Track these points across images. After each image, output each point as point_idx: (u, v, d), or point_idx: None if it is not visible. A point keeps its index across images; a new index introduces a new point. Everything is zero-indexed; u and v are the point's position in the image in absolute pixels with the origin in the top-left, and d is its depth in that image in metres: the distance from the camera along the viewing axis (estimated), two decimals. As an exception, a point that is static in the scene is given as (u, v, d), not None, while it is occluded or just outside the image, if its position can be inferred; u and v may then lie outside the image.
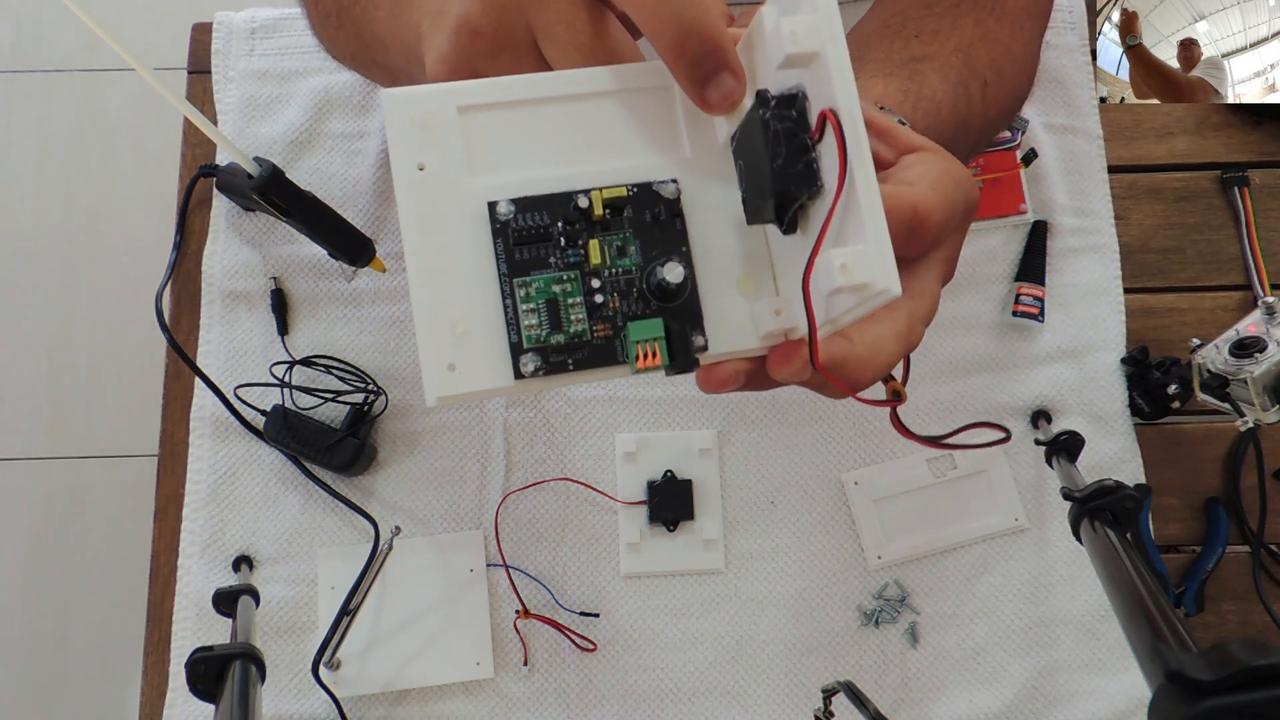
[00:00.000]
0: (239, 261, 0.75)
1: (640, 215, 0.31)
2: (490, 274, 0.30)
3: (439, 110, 0.30)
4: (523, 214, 0.30)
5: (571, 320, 0.30)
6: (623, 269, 0.30)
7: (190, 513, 0.71)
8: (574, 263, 0.30)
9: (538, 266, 0.30)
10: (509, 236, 0.30)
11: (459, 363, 0.29)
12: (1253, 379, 0.58)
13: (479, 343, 0.29)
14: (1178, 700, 0.30)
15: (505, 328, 0.29)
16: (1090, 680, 0.68)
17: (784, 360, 0.30)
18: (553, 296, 0.30)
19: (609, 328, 0.30)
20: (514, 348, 0.29)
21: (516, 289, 0.29)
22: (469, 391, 0.29)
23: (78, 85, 1.71)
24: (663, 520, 0.70)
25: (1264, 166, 0.78)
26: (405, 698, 0.68)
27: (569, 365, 0.29)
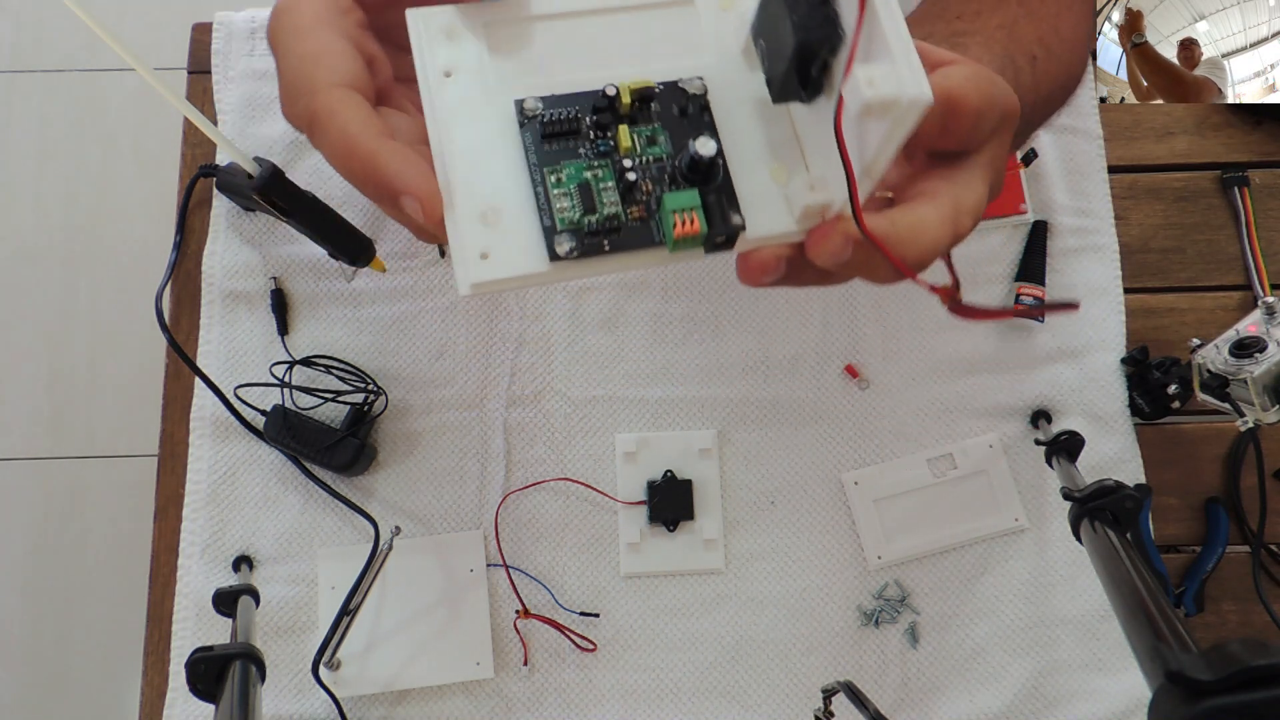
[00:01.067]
0: (239, 261, 0.75)
1: (668, 109, 0.31)
2: (520, 166, 0.30)
3: (458, 21, 0.31)
4: (550, 109, 0.30)
5: (605, 203, 0.30)
6: (654, 156, 0.31)
7: (190, 513, 0.71)
8: (604, 151, 0.30)
9: (568, 156, 0.30)
10: (537, 129, 0.30)
11: (492, 250, 0.28)
12: (1253, 379, 0.58)
13: (512, 229, 0.29)
14: (1178, 700, 0.30)
15: (538, 214, 0.29)
16: (1090, 680, 0.68)
17: (823, 237, 0.29)
18: (584, 181, 0.30)
19: (643, 210, 0.30)
20: (547, 231, 0.29)
21: (547, 176, 0.30)
22: (504, 277, 0.28)
23: (78, 85, 1.71)
24: (663, 520, 0.70)
25: (1264, 166, 0.78)
26: (405, 698, 0.68)
27: (604, 246, 0.29)
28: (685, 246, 0.29)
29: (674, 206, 0.29)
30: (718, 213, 0.30)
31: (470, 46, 0.31)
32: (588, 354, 0.74)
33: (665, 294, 0.75)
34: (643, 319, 0.74)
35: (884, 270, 0.31)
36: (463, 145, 0.30)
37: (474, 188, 0.29)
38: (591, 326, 0.74)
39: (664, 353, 0.74)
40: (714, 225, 0.29)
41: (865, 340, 0.74)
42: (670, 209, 0.29)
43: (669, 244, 0.29)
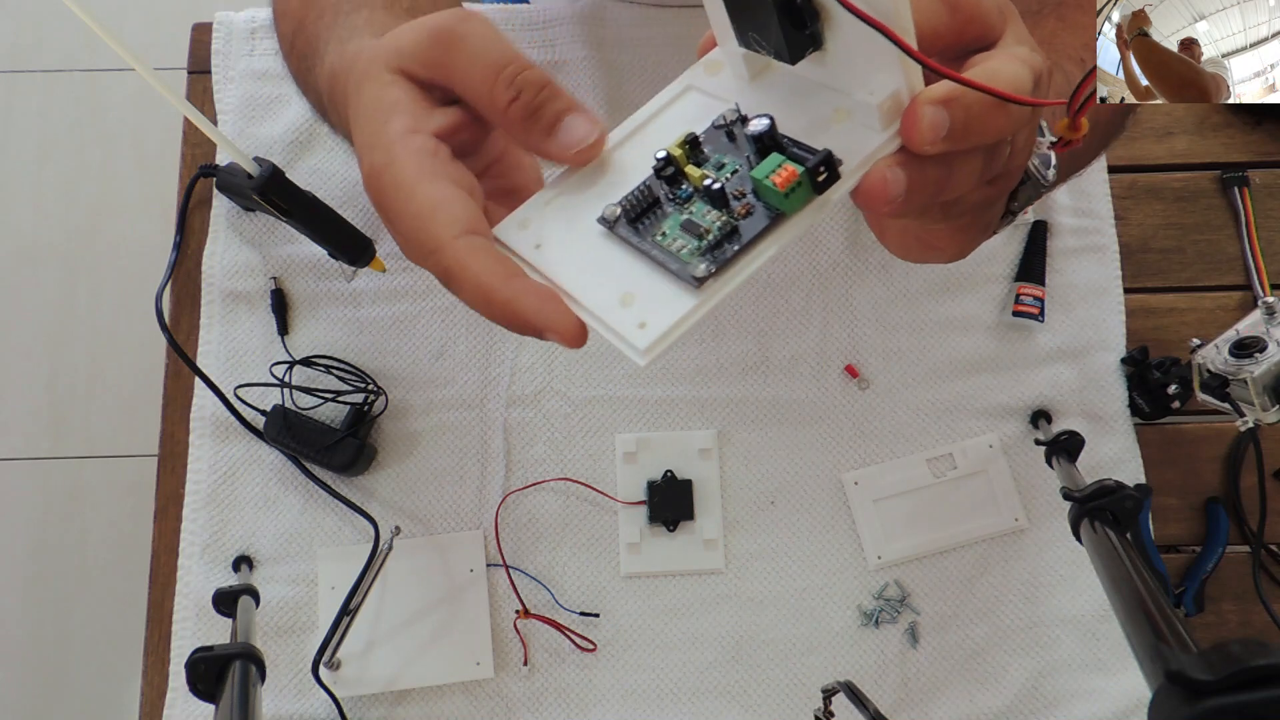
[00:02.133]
0: (239, 261, 0.75)
1: (719, 142, 0.33)
2: (630, 256, 0.32)
3: (530, 211, 0.34)
4: (626, 202, 0.33)
5: (711, 221, 0.31)
6: (730, 171, 0.32)
7: (190, 513, 0.71)
8: (686, 197, 0.32)
9: (660, 219, 0.32)
10: (624, 222, 0.32)
11: (645, 317, 0.30)
12: (1253, 379, 0.58)
13: (652, 294, 0.31)
14: (1178, 700, 0.30)
15: (666, 270, 0.31)
16: (1090, 680, 0.68)
17: (914, 118, 0.29)
18: (685, 221, 0.32)
19: (746, 206, 0.31)
20: (679, 271, 0.30)
21: (654, 240, 0.32)
22: (666, 328, 0.30)
23: (78, 85, 1.71)
24: (663, 520, 0.70)
25: (1264, 166, 0.78)
26: (405, 698, 0.68)
27: (733, 250, 0.30)
28: (798, 198, 0.30)
29: (764, 172, 0.30)
30: (800, 156, 0.30)
31: (546, 221, 0.34)
32: (588, 354, 0.74)
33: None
34: (643, 319, 0.74)
35: (993, 121, 0.30)
36: (580, 280, 0.32)
37: (603, 293, 0.32)
38: (591, 326, 0.74)
39: (664, 353, 0.74)
40: (804, 163, 0.30)
41: (865, 340, 0.74)
42: (763, 175, 0.30)
43: (784, 205, 0.30)
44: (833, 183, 0.30)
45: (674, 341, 0.30)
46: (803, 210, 0.30)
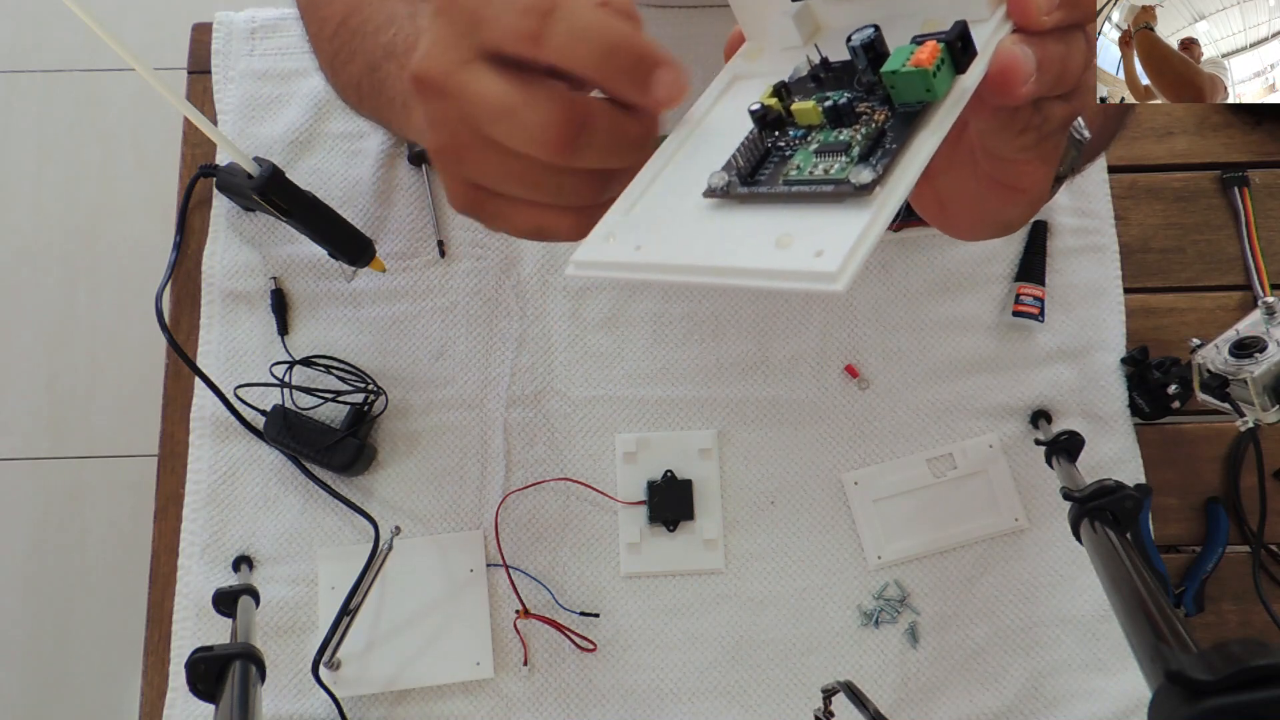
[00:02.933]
0: (239, 261, 0.75)
1: (805, 86, 0.31)
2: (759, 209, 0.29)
3: (610, 226, 0.32)
4: (731, 170, 0.30)
5: (850, 132, 0.29)
6: (834, 100, 0.30)
7: (190, 513, 0.71)
8: (802, 135, 0.30)
9: (783, 162, 0.30)
10: (736, 181, 0.30)
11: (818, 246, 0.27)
12: (1253, 379, 0.58)
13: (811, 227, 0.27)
14: (1178, 700, 0.30)
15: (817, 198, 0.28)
16: (1090, 680, 0.68)
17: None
18: (821, 146, 0.29)
19: (883, 111, 0.29)
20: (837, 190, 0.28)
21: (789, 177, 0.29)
22: (852, 244, 0.26)
23: (78, 85, 1.71)
24: (663, 520, 0.70)
25: (1264, 166, 0.78)
26: (405, 698, 0.68)
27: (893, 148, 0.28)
28: (944, 78, 0.27)
29: (899, 60, 0.27)
30: (929, 37, 0.28)
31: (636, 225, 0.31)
32: (588, 354, 0.74)
33: (665, 294, 0.75)
34: (643, 319, 0.74)
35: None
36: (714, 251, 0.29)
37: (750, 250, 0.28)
38: (591, 326, 0.74)
39: (664, 353, 0.74)
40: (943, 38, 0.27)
41: (865, 340, 0.74)
42: (898, 64, 0.27)
43: (930, 89, 0.27)
44: (972, 58, 0.28)
45: (862, 261, 0.26)
46: (949, 94, 0.28)
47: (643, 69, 0.31)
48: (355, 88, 0.50)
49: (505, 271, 0.75)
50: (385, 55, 0.46)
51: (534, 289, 0.75)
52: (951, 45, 0.27)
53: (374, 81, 0.47)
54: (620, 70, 0.31)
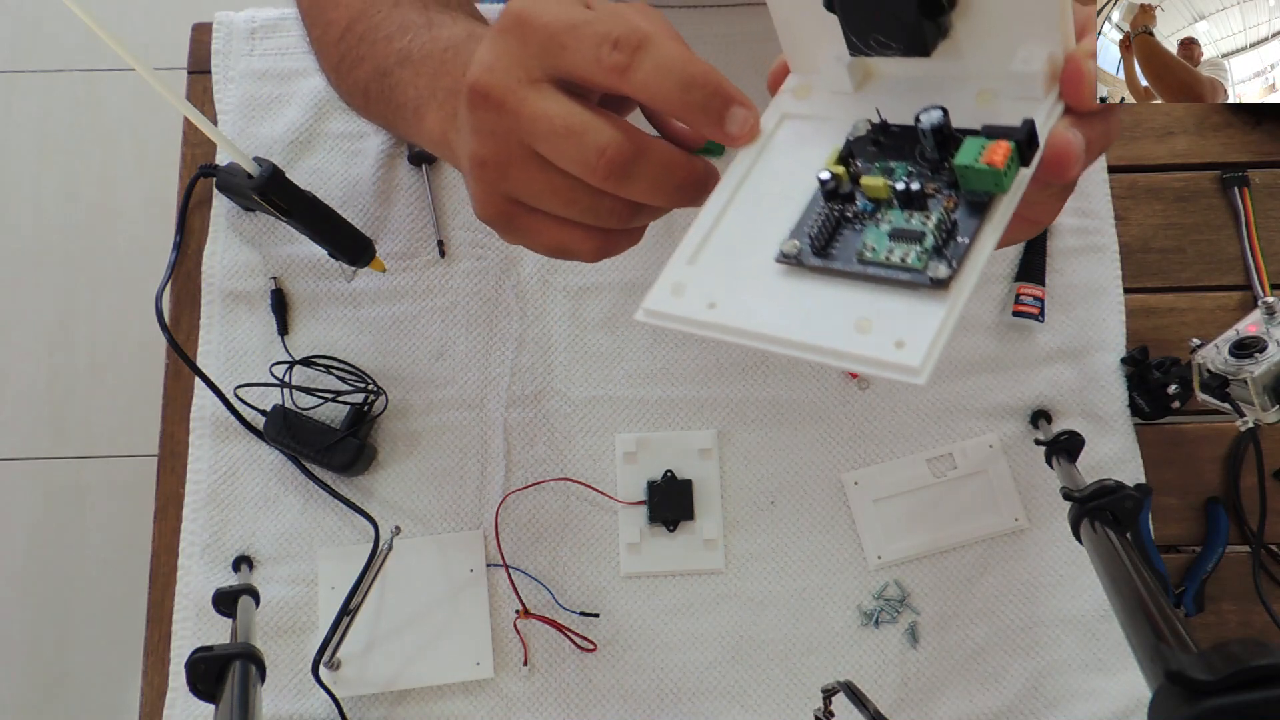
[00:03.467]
0: (239, 261, 0.75)
1: (865, 150, 0.32)
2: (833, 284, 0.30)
3: (676, 276, 0.32)
4: (803, 235, 0.31)
5: (922, 223, 0.30)
6: (901, 173, 0.31)
7: (190, 513, 0.71)
8: (870, 210, 0.31)
9: (856, 236, 0.31)
10: (809, 252, 0.31)
11: (898, 336, 0.28)
12: (1253, 379, 0.58)
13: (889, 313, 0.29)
14: (1178, 700, 0.30)
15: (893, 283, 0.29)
16: (1090, 680, 0.68)
17: (1079, 75, 0.30)
18: (894, 230, 0.30)
19: (950, 199, 0.30)
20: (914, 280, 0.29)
21: (865, 258, 0.30)
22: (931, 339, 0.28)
23: (78, 85, 1.71)
24: (663, 520, 0.70)
25: (1264, 166, 0.78)
26: (405, 698, 0.68)
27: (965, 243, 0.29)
28: (1011, 174, 0.29)
29: (971, 155, 0.29)
30: (999, 131, 0.29)
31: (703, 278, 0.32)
32: (588, 354, 0.74)
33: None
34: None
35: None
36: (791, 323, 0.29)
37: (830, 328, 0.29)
38: (591, 326, 0.74)
39: (664, 353, 0.74)
40: (1012, 136, 0.29)
41: (865, 340, 0.73)
42: (971, 159, 0.29)
43: (999, 184, 0.29)
44: (1035, 152, 0.29)
45: (941, 353, 0.28)
46: (1013, 187, 0.29)
47: (719, 105, 0.33)
48: (363, 91, 0.51)
49: (505, 271, 0.75)
50: (399, 62, 0.46)
51: (534, 289, 0.75)
52: (1022, 144, 0.29)
53: (384, 86, 0.48)
54: (699, 105, 0.33)
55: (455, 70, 0.42)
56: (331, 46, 0.54)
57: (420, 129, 0.44)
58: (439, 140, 0.43)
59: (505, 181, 0.36)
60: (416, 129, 0.45)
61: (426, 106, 0.43)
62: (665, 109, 0.34)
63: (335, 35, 0.53)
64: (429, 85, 0.44)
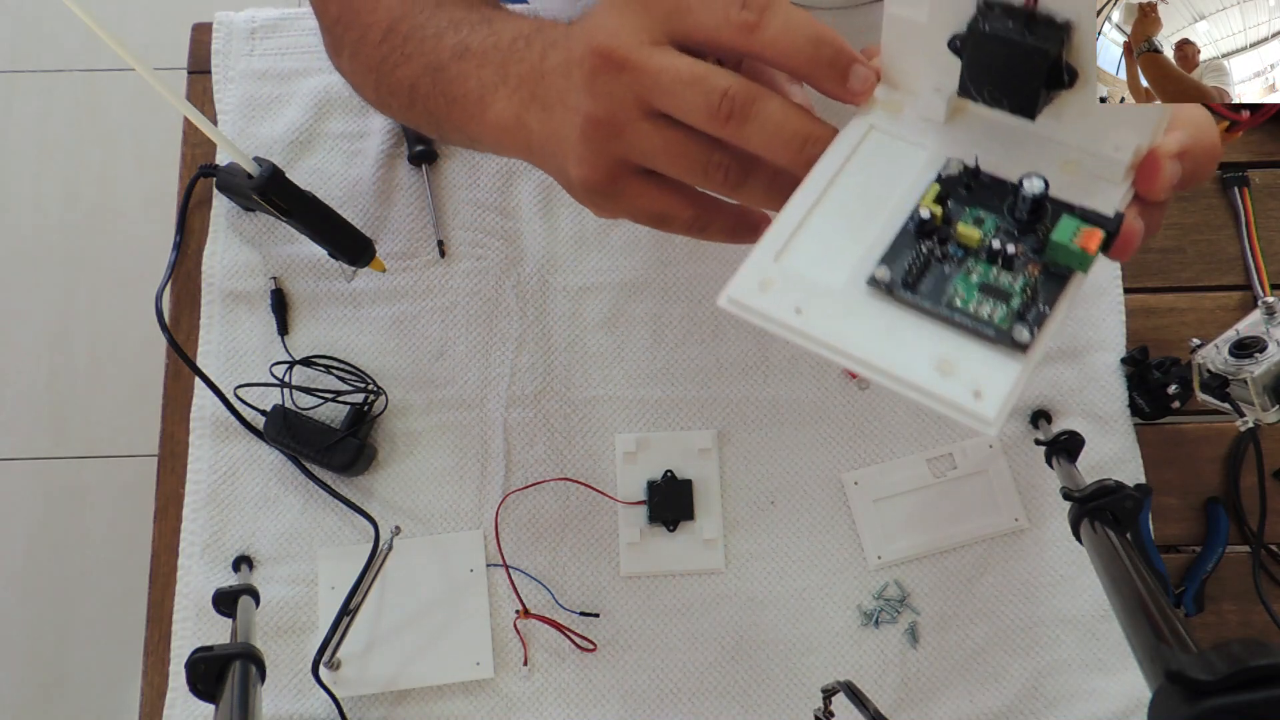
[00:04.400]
0: (239, 261, 0.75)
1: (959, 194, 0.34)
2: (919, 319, 0.32)
3: (763, 271, 0.34)
4: (893, 264, 0.33)
5: (1007, 284, 0.32)
6: (993, 227, 0.33)
7: (190, 513, 0.71)
8: (962, 257, 0.33)
9: (944, 280, 0.32)
10: (900, 286, 0.32)
11: (977, 386, 0.30)
12: (1253, 379, 0.58)
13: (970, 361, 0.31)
14: (1178, 700, 0.30)
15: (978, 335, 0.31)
16: (1090, 680, 0.68)
17: (1157, 172, 0.33)
18: (983, 283, 0.32)
19: (1035, 266, 0.32)
20: (997, 338, 0.31)
21: (956, 304, 0.32)
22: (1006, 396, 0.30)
23: (78, 85, 1.71)
24: (663, 520, 0.70)
25: (1264, 166, 0.78)
26: (405, 698, 0.68)
27: (1046, 312, 0.31)
28: (1092, 260, 0.31)
29: (1066, 236, 0.31)
30: (1093, 217, 0.32)
31: (790, 282, 0.33)
32: (588, 354, 0.74)
33: (665, 295, 0.75)
34: (643, 319, 0.74)
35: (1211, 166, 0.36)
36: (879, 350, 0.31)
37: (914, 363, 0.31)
38: (591, 326, 0.74)
39: (664, 353, 0.74)
40: (1106, 226, 0.31)
41: (865, 340, 0.73)
42: (1066, 239, 0.31)
43: (1081, 264, 0.31)
44: (1112, 241, 0.32)
45: (1011, 407, 0.30)
46: (1092, 267, 0.32)
47: (843, 63, 0.36)
48: (408, 89, 0.51)
49: (505, 271, 0.75)
50: (456, 55, 0.47)
51: (534, 289, 0.75)
52: (1111, 235, 0.31)
53: (439, 81, 0.48)
54: (825, 63, 0.35)
55: (530, 57, 0.43)
56: (372, 48, 0.54)
57: (484, 117, 0.45)
58: (511, 125, 0.44)
59: (617, 141, 0.38)
60: (478, 118, 0.45)
61: (494, 94, 0.44)
62: (792, 65, 0.36)
63: (376, 37, 0.53)
64: (496, 74, 0.44)
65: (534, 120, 0.42)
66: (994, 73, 0.33)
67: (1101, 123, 0.33)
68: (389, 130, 0.77)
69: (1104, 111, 0.32)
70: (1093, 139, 0.33)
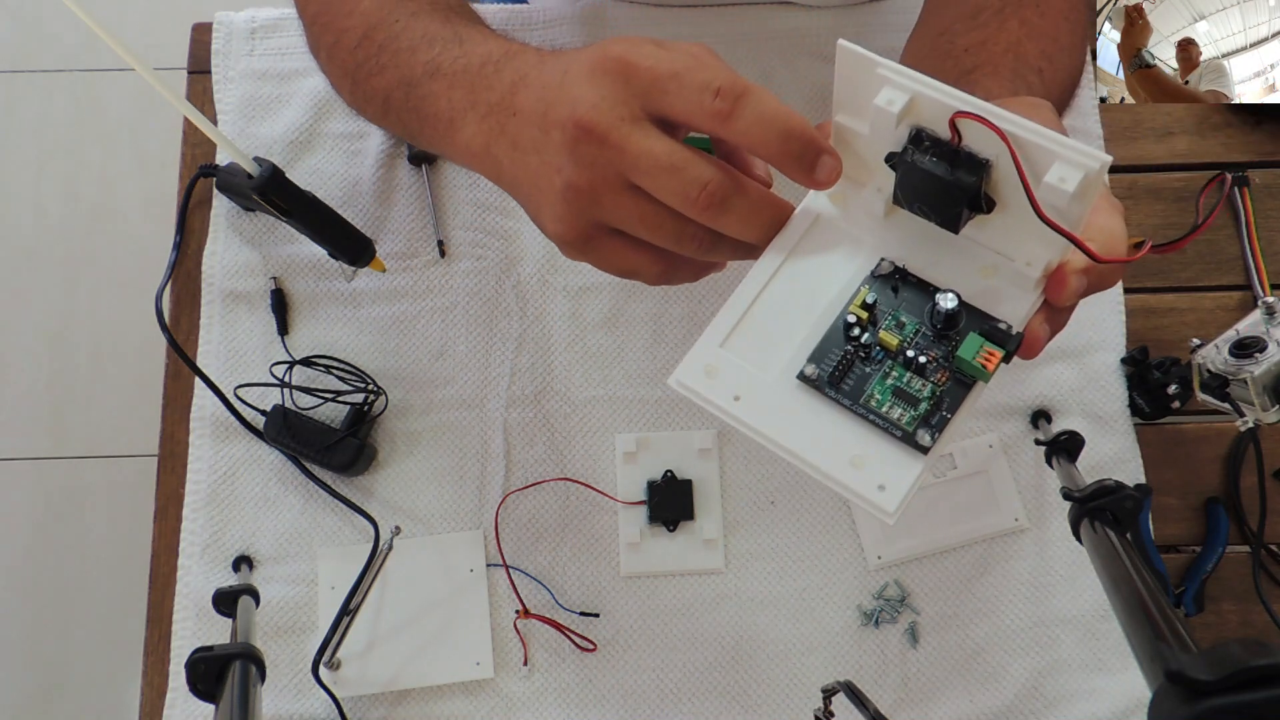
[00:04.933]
0: (239, 261, 0.75)
1: (887, 296, 0.38)
2: (840, 415, 0.37)
3: (707, 356, 0.39)
4: (821, 362, 0.37)
5: (918, 390, 0.37)
6: (912, 330, 0.38)
7: (190, 513, 0.71)
8: (881, 358, 0.37)
9: (864, 382, 0.37)
10: (824, 382, 0.37)
11: (882, 480, 0.36)
12: (1253, 379, 0.58)
13: (879, 458, 0.36)
14: (1178, 700, 0.30)
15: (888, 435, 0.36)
16: (1090, 680, 0.68)
17: (1064, 284, 0.37)
18: (896, 387, 0.37)
19: (945, 374, 0.37)
20: (904, 439, 0.36)
21: (871, 405, 0.37)
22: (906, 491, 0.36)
23: (78, 85, 1.71)
24: (663, 520, 0.70)
25: (1264, 166, 0.78)
26: (405, 698, 0.68)
27: (947, 419, 0.37)
28: (992, 374, 0.36)
29: (970, 353, 0.36)
30: (996, 336, 0.36)
31: (731, 371, 0.38)
32: (588, 354, 0.74)
33: (665, 295, 0.75)
34: (643, 319, 0.74)
35: (1116, 275, 0.39)
36: (802, 441, 0.37)
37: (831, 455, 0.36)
38: (591, 326, 0.74)
39: (664, 353, 0.74)
40: (1005, 346, 0.36)
41: (865, 340, 0.73)
42: (970, 356, 0.36)
43: (984, 377, 0.36)
44: (1014, 351, 0.36)
45: (910, 499, 0.35)
46: (993, 378, 0.36)
47: (810, 156, 0.38)
48: (383, 100, 0.51)
49: (505, 271, 0.75)
50: (428, 74, 0.47)
51: (534, 289, 0.75)
52: (1010, 354, 0.36)
53: (411, 97, 0.48)
54: (793, 155, 0.37)
55: (500, 85, 0.44)
56: (347, 53, 0.54)
57: (454, 141, 0.46)
58: (479, 152, 0.44)
59: (596, 208, 0.39)
60: (448, 140, 0.46)
61: (464, 119, 0.45)
62: (763, 154, 0.38)
63: (351, 42, 0.53)
64: (466, 99, 0.45)
65: (504, 155, 0.43)
66: (921, 194, 0.36)
67: (1017, 238, 0.37)
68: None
69: (1019, 232, 0.36)
70: (1009, 250, 0.38)
